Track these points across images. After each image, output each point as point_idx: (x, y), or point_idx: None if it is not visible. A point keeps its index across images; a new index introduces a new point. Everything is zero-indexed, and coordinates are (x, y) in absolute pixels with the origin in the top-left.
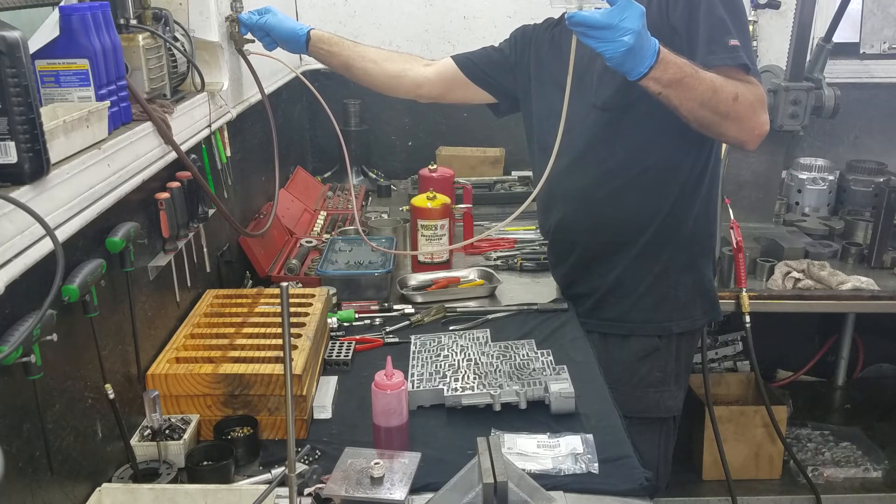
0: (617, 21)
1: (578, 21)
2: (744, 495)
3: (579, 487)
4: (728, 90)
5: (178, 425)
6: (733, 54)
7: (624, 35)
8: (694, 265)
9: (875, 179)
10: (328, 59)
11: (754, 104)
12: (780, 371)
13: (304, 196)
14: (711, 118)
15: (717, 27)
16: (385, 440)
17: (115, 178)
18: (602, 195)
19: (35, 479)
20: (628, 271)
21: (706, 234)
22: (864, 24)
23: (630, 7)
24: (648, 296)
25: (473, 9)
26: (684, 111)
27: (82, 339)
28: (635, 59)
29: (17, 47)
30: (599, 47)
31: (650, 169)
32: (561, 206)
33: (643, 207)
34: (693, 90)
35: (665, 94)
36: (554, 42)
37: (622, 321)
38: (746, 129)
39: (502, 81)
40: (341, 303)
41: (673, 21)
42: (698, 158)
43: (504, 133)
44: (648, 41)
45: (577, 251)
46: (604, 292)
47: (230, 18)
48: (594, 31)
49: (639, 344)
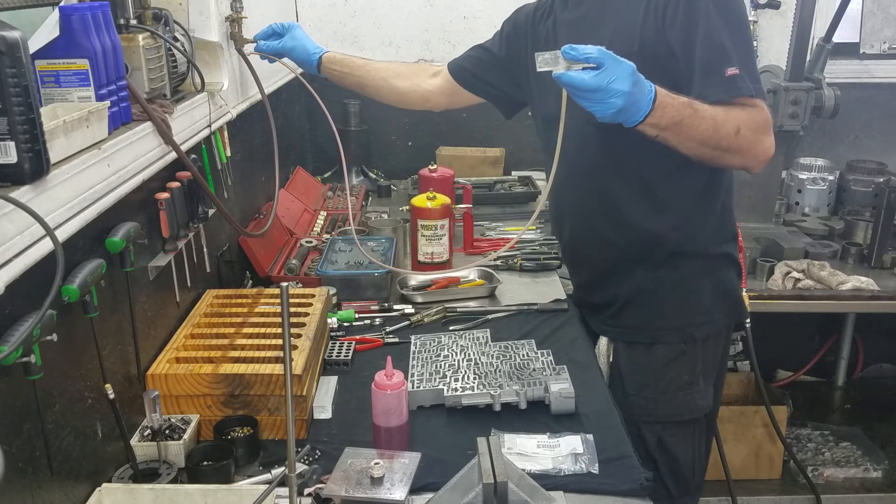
0: (605, 84)
1: (566, 82)
2: (744, 495)
3: (579, 487)
4: (729, 125)
5: (178, 425)
6: (730, 87)
7: (613, 97)
8: (714, 269)
9: (875, 179)
10: (340, 79)
11: (757, 133)
12: (780, 371)
13: (304, 196)
14: (713, 154)
15: (714, 55)
16: (385, 440)
17: (115, 178)
18: (606, 212)
19: (35, 479)
20: (646, 281)
21: (725, 238)
22: (864, 24)
23: (619, 68)
24: (669, 303)
25: (473, 9)
26: (684, 150)
27: (82, 339)
28: (628, 114)
29: (17, 47)
30: (589, 107)
31: (654, 186)
32: (569, 221)
33: (650, 225)
34: (693, 130)
35: (663, 136)
36: (549, 39)
37: (644, 329)
38: (749, 157)
39: (498, 84)
40: (341, 303)
41: (670, 41)
42: (705, 173)
43: (504, 133)
44: (643, 93)
45: (590, 265)
46: (623, 302)
47: (230, 18)
48: (583, 93)
49: (663, 351)
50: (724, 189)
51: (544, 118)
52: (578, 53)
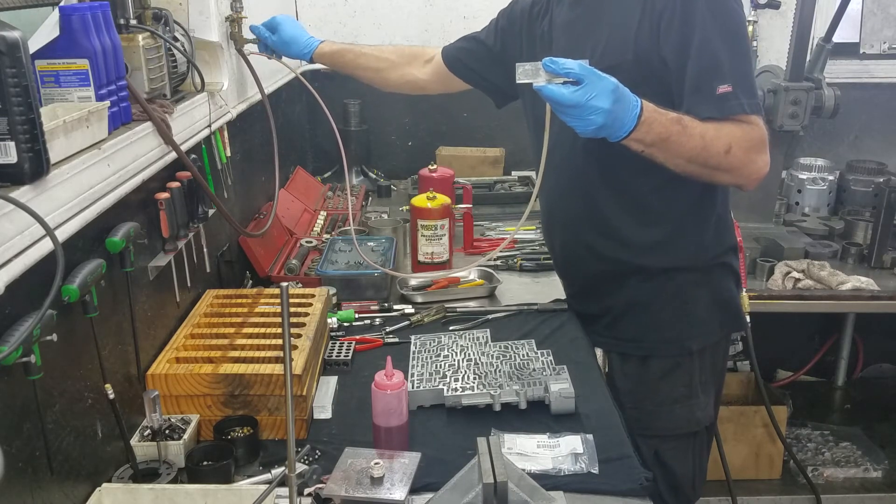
0: (585, 101)
1: (547, 96)
2: (744, 495)
3: (579, 487)
4: (719, 144)
5: (178, 425)
6: (721, 105)
7: (592, 114)
8: (710, 280)
9: (875, 179)
10: (334, 69)
11: (749, 152)
12: (780, 371)
13: (304, 196)
14: (701, 171)
15: (706, 71)
16: (385, 440)
17: (115, 178)
18: (596, 223)
19: (35, 479)
20: (639, 293)
21: (722, 247)
22: (864, 24)
23: (599, 85)
24: (663, 315)
25: (473, 9)
26: (671, 166)
27: (82, 339)
28: (610, 131)
29: (17, 47)
30: (570, 122)
31: (645, 198)
32: (560, 230)
33: (641, 238)
34: (680, 147)
35: (649, 152)
36: (544, 40)
37: (639, 341)
38: (741, 176)
39: (491, 77)
40: (341, 303)
41: (664, 52)
42: (698, 186)
43: (504, 133)
44: (626, 109)
45: (582, 276)
46: (617, 314)
47: (230, 18)
48: (562, 108)
49: (658, 363)
50: (718, 202)
51: (535, 120)
52: (559, 67)
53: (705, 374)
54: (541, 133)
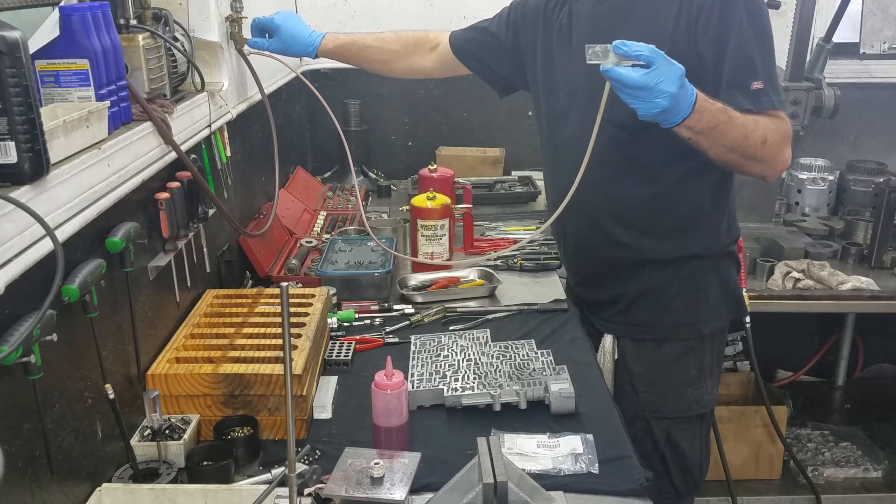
0: (654, 84)
1: (614, 77)
2: (744, 495)
3: (579, 487)
4: (757, 134)
5: (178, 425)
6: (756, 101)
7: (659, 97)
8: (719, 267)
9: (875, 179)
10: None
11: (780, 143)
12: (780, 371)
13: (304, 196)
14: (738, 160)
15: (742, 69)
16: (385, 440)
17: (115, 178)
18: (615, 213)
19: (35, 479)
20: (654, 279)
21: (731, 238)
22: (864, 24)
23: (668, 69)
24: (678, 300)
25: (473, 9)
26: (713, 154)
27: (82, 339)
28: (669, 115)
29: (17, 47)
30: (633, 104)
31: (665, 190)
32: (574, 220)
33: (662, 226)
34: (725, 136)
35: (696, 139)
36: (563, 32)
37: (654, 326)
38: (769, 167)
39: (499, 70)
40: (341, 303)
41: (700, 49)
42: (714, 178)
43: (504, 133)
44: (686, 96)
45: (598, 263)
46: (630, 299)
47: (230, 18)
48: (629, 90)
49: (673, 347)
50: (731, 194)
51: (551, 113)
52: (630, 50)
53: (713, 359)
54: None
